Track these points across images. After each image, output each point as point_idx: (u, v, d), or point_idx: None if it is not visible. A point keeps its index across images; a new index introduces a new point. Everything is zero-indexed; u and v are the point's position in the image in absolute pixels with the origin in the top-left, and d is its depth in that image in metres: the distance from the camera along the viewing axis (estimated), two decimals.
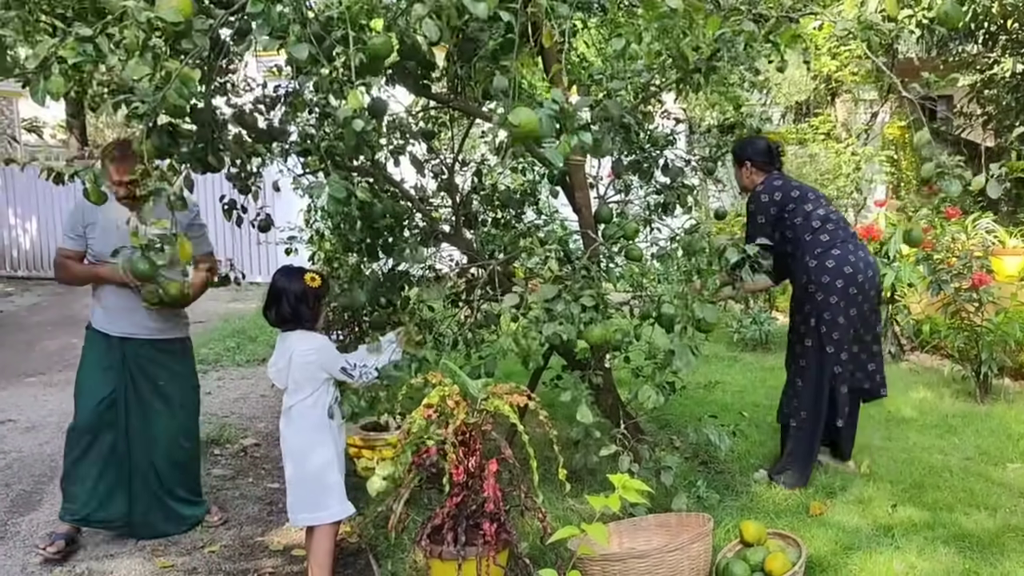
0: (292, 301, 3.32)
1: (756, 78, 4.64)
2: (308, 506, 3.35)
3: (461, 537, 3.01)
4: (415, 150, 4.93)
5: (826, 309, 4.08)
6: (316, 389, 3.33)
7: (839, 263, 4.09)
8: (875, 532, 3.55)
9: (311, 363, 3.31)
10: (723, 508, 3.85)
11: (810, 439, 4.16)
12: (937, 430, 4.88)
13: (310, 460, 3.32)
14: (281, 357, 3.35)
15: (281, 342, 3.37)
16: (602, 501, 2.06)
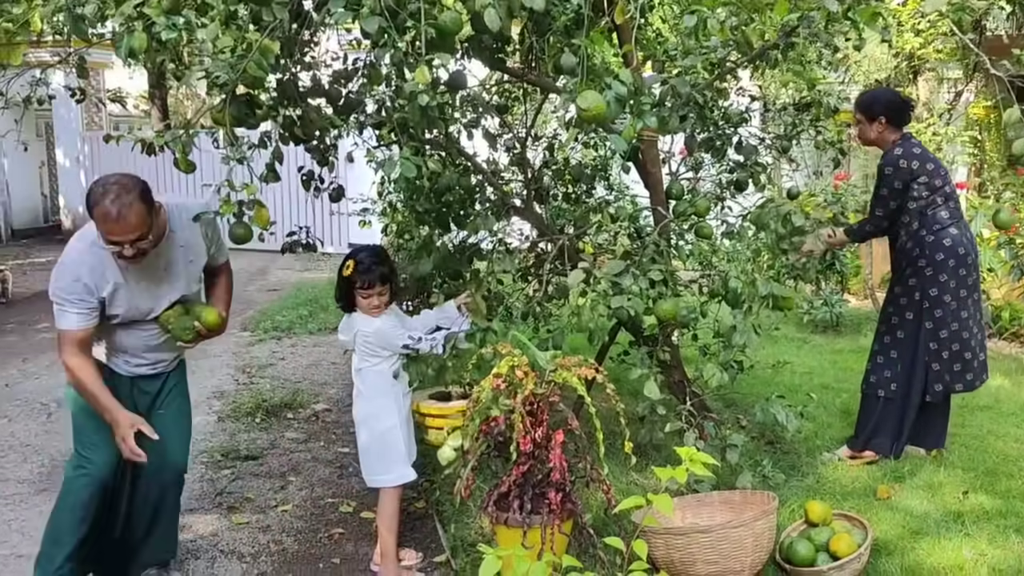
0: (337, 287, 3.53)
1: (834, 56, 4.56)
2: (373, 469, 3.52)
3: (527, 505, 3.08)
4: (488, 124, 4.98)
5: (933, 286, 4.04)
6: (382, 359, 3.48)
7: (955, 243, 4.03)
8: (944, 518, 3.50)
9: (370, 344, 3.46)
10: (788, 488, 3.84)
11: (900, 412, 4.13)
12: (1014, 418, 4.76)
13: (377, 423, 3.48)
14: (347, 332, 3.55)
15: (347, 319, 3.56)
16: (669, 472, 2.09)
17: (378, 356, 3.46)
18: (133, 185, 2.85)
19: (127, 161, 14.02)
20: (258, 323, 8.23)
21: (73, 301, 2.87)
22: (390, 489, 3.46)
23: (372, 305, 3.42)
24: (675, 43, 3.86)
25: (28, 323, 8.30)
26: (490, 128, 5.00)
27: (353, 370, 3.58)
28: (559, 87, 4.42)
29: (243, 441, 5.06)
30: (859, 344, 6.64)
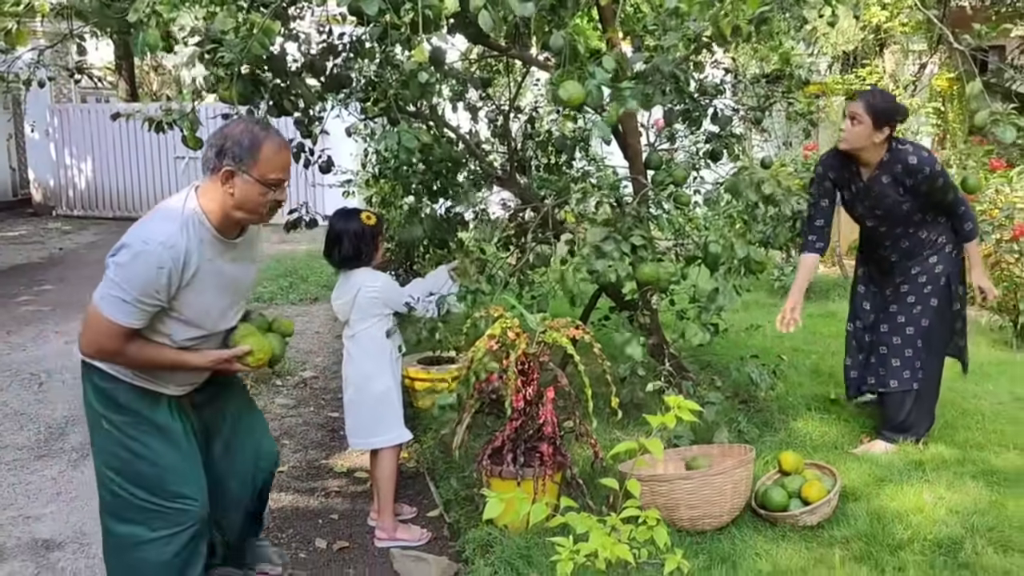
0: (353, 240, 3.51)
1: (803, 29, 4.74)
2: (370, 431, 3.60)
3: (520, 458, 3.27)
4: (470, 96, 5.11)
5: (958, 267, 4.02)
6: (379, 320, 3.58)
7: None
8: (907, 467, 3.74)
9: (376, 299, 3.54)
10: (762, 442, 4.06)
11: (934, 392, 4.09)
12: (973, 376, 5.00)
13: (373, 385, 3.57)
14: (346, 293, 3.57)
15: (345, 280, 3.59)
16: (658, 419, 2.28)
17: (376, 316, 3.55)
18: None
19: (97, 132, 13.99)
20: None
21: (142, 297, 2.41)
22: (388, 449, 3.58)
23: (383, 255, 3.56)
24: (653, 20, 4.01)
25: (7, 296, 8.33)
26: (473, 101, 5.14)
27: (346, 335, 3.66)
28: (542, 62, 4.57)
29: None
30: (827, 309, 6.90)
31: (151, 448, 2.61)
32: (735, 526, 3.31)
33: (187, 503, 2.65)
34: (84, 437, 4.70)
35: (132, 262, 2.40)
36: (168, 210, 2.54)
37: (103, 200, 14.21)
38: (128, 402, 2.59)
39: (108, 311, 2.41)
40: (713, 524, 3.26)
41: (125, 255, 2.41)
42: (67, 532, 3.65)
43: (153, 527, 2.63)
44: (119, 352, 2.47)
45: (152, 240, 2.42)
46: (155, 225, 2.48)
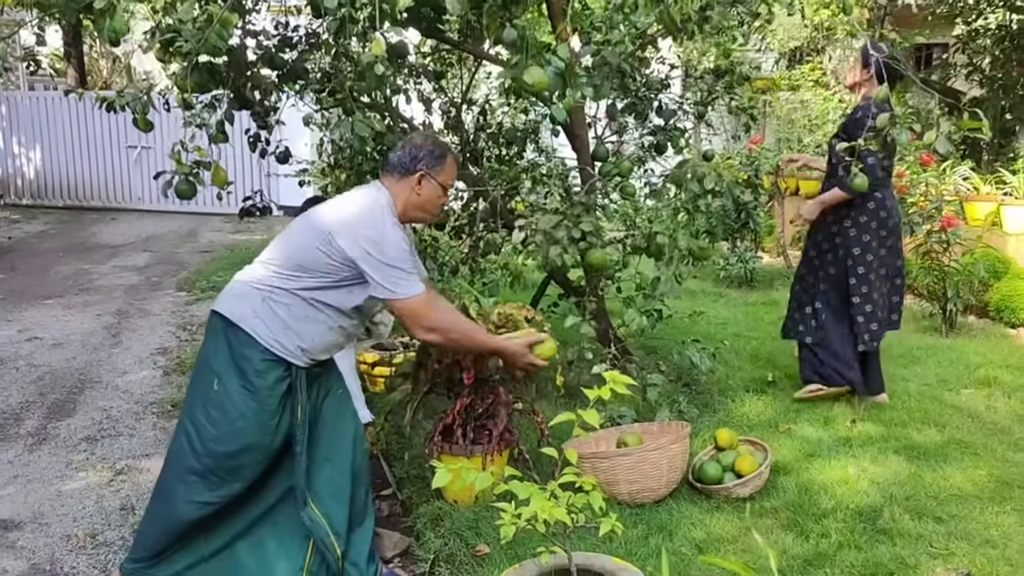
0: None
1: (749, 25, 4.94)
2: None
3: (470, 434, 3.42)
4: (423, 88, 5.24)
5: (857, 245, 4.35)
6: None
7: (878, 206, 4.34)
8: (835, 443, 3.97)
9: None
10: (701, 422, 4.26)
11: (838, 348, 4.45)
12: (903, 360, 5.29)
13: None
14: None
15: None
16: (595, 392, 2.45)
17: None
18: None
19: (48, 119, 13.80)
20: (194, 283, 8.35)
21: (410, 267, 2.72)
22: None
23: None
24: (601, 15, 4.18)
25: None
26: (426, 93, 5.27)
27: None
28: (493, 56, 4.71)
29: None
30: (770, 297, 7.16)
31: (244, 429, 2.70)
32: (673, 499, 3.50)
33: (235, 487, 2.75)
34: (40, 422, 4.76)
35: (387, 245, 2.66)
36: (370, 200, 2.78)
37: (53, 189, 14.02)
38: (257, 372, 2.67)
39: (405, 293, 2.70)
40: (651, 497, 3.45)
41: (377, 241, 2.66)
42: (25, 513, 3.72)
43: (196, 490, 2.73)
44: (436, 319, 2.80)
45: (383, 226, 2.69)
46: (374, 215, 2.72)
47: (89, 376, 5.58)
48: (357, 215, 2.73)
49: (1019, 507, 3.36)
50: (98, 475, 4.09)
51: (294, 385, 2.76)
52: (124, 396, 5.21)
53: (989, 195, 6.91)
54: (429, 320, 2.79)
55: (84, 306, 7.47)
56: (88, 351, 6.12)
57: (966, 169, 7.38)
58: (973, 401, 4.56)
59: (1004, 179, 7.05)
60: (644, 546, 3.14)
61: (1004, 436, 4.09)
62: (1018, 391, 4.67)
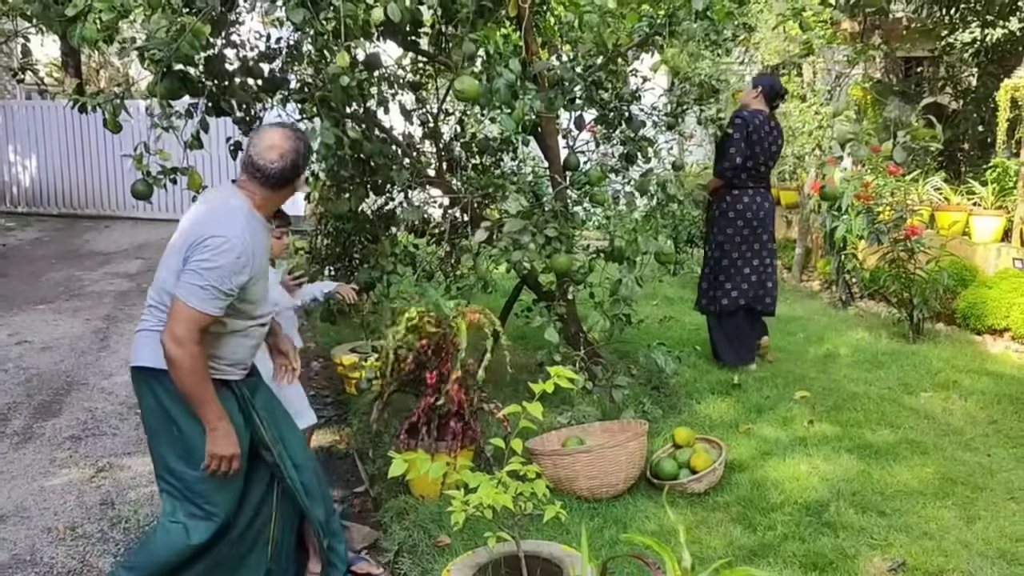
0: None
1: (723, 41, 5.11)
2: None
3: (434, 432, 3.56)
4: (404, 99, 5.39)
5: (720, 234, 5.31)
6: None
7: (735, 202, 5.23)
8: (792, 443, 4.11)
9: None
10: (665, 422, 4.40)
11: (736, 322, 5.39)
12: (867, 365, 5.44)
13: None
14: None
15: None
16: (540, 386, 2.59)
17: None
18: None
19: (43, 130, 13.96)
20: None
21: (230, 287, 2.52)
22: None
23: (282, 246, 3.54)
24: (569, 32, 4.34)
25: None
26: (406, 103, 5.42)
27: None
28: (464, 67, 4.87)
29: None
30: None
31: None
32: (630, 494, 3.64)
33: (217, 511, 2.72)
34: (26, 422, 4.89)
35: (220, 249, 2.49)
36: (229, 197, 2.65)
37: (48, 197, 14.16)
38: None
39: (196, 303, 2.48)
40: (610, 492, 3.59)
41: (214, 243, 2.49)
42: (8, 507, 3.85)
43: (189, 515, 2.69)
44: (193, 343, 2.49)
45: (232, 227, 2.53)
46: (229, 212, 2.58)
47: (76, 378, 5.71)
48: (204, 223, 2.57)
49: (960, 502, 3.51)
50: (80, 472, 4.23)
51: (241, 396, 2.76)
52: (109, 398, 5.34)
53: (959, 205, 7.08)
54: (187, 339, 2.49)
55: (74, 311, 7.60)
56: (76, 354, 6.25)
57: (938, 180, 7.55)
58: (930, 404, 4.71)
59: (974, 190, 7.21)
60: (600, 538, 3.27)
61: (956, 436, 4.23)
62: (975, 394, 4.82)
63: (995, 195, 7.04)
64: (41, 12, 3.16)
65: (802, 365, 5.44)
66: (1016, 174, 6.80)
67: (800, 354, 5.71)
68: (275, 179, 2.61)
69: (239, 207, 2.60)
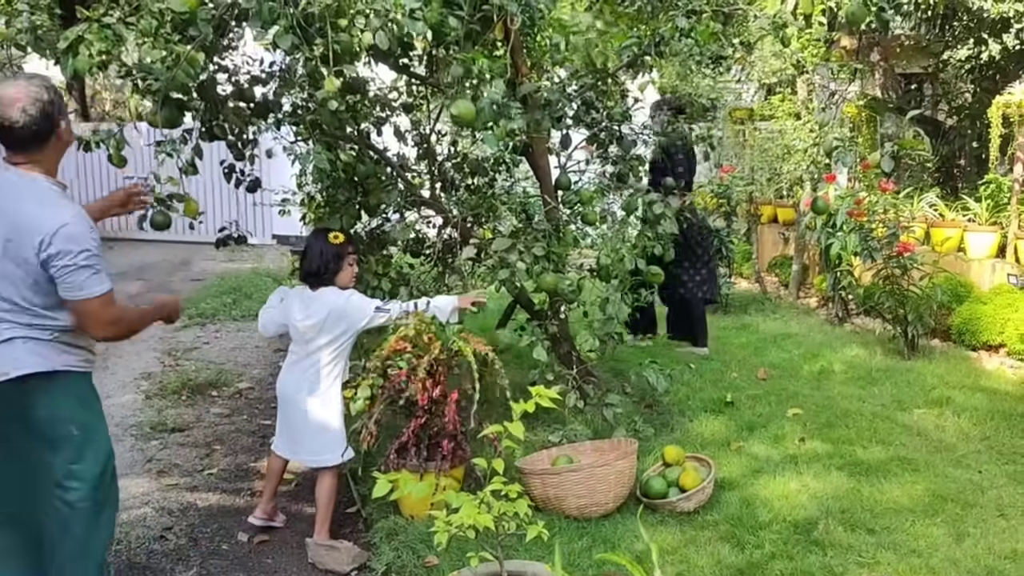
0: (317, 259, 3.62)
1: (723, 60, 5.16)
2: (322, 448, 3.66)
3: (423, 452, 3.58)
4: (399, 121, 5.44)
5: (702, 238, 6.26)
6: (342, 344, 3.65)
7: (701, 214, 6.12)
8: (783, 460, 4.12)
9: (345, 318, 3.59)
10: (657, 440, 4.41)
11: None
12: (861, 382, 5.44)
13: (328, 405, 3.65)
14: (318, 312, 3.59)
15: (311, 298, 3.64)
16: (521, 406, 2.61)
17: (339, 333, 3.60)
18: None
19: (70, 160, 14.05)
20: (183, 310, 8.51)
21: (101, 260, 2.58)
22: (332, 468, 3.68)
23: (354, 274, 3.66)
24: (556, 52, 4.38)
25: None
26: (400, 125, 5.47)
27: (301, 351, 3.65)
28: None
29: (170, 416, 5.42)
30: (743, 322, 7.31)
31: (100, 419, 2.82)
32: (620, 513, 3.65)
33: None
34: None
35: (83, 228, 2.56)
36: (48, 193, 2.65)
37: None
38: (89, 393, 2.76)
39: (99, 288, 2.55)
40: (599, 511, 3.59)
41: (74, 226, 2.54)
42: None
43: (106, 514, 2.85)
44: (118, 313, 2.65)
45: (72, 207, 2.63)
46: (60, 209, 2.61)
47: None
48: (48, 217, 2.56)
49: (949, 520, 3.51)
50: None
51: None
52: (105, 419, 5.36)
53: (954, 221, 7.09)
54: (114, 319, 2.64)
55: None
56: None
57: (933, 196, 7.57)
58: (923, 420, 4.71)
59: (968, 206, 7.23)
60: (587, 557, 3.28)
61: (947, 453, 4.23)
62: (968, 410, 4.82)
63: (989, 211, 7.06)
64: (34, 43, 3.21)
65: (796, 382, 5.45)
66: (1010, 190, 6.82)
67: (794, 371, 5.72)
68: (30, 136, 2.55)
69: (38, 185, 2.61)
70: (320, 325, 3.59)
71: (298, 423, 3.69)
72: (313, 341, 3.62)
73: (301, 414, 3.66)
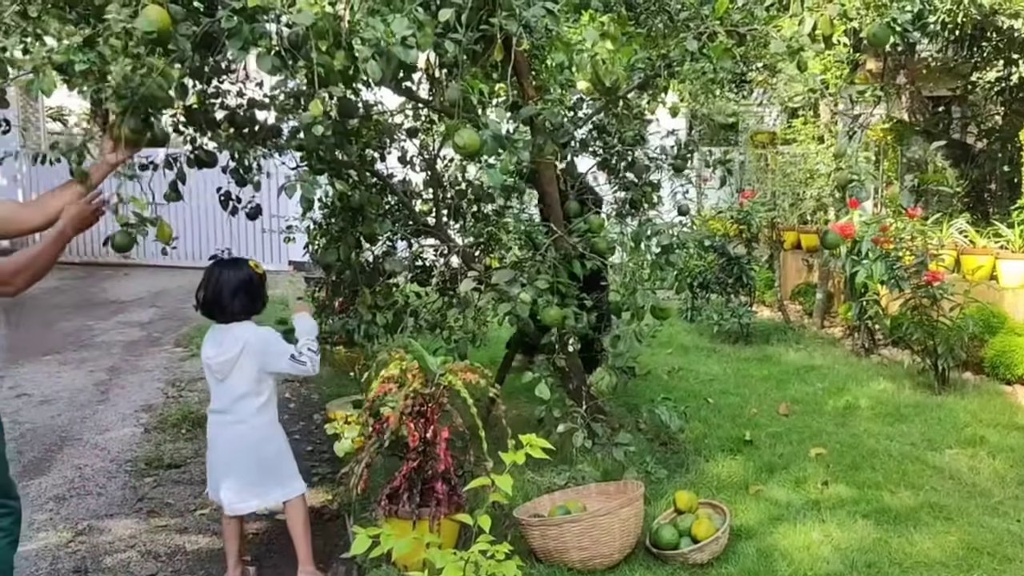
0: (245, 290, 3.41)
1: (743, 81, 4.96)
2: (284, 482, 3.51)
3: (416, 498, 3.35)
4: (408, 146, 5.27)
5: None
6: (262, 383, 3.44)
7: None
8: (804, 506, 3.85)
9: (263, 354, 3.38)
10: (671, 482, 4.16)
11: None
12: (889, 418, 5.16)
13: (271, 442, 3.49)
14: (230, 348, 3.38)
15: (224, 333, 3.44)
16: (511, 456, 2.39)
17: (262, 372, 3.42)
18: None
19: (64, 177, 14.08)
20: (192, 339, 8.37)
21: None
22: (297, 499, 3.52)
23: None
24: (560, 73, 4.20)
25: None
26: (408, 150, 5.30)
27: (224, 395, 3.45)
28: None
29: (168, 451, 5.24)
30: (764, 353, 7.04)
31: None
32: (627, 564, 3.40)
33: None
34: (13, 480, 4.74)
35: None
36: None
37: (70, 245, 14.22)
38: None
39: None
40: (604, 563, 3.35)
41: None
42: None
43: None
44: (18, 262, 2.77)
45: None
46: None
47: (70, 434, 5.58)
48: None
49: (986, 575, 3.22)
50: (58, 535, 4.06)
51: None
52: (101, 454, 5.19)
53: (985, 248, 6.79)
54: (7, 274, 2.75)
55: (80, 362, 7.51)
56: (74, 408, 6.13)
57: (963, 222, 7.27)
58: (955, 462, 4.43)
59: (1000, 232, 6.93)
60: None
61: (982, 499, 3.95)
62: (1004, 451, 4.53)
63: (1022, 238, 6.76)
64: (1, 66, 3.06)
65: (819, 419, 5.18)
66: None
67: (818, 407, 5.45)
68: None
69: None
70: (235, 361, 3.36)
71: (257, 467, 3.46)
72: (231, 381, 3.40)
73: (260, 457, 3.45)
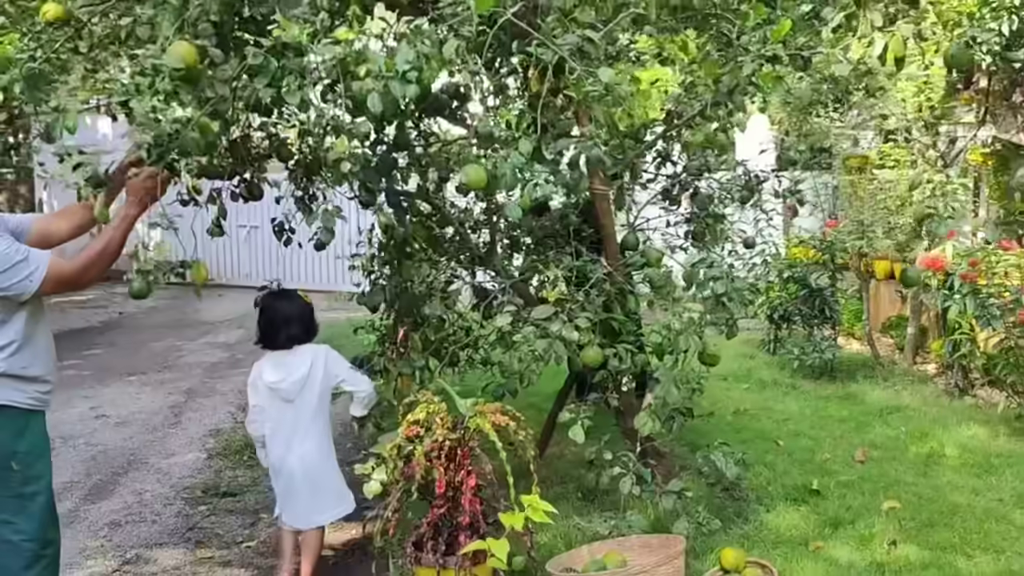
0: (302, 319, 3.76)
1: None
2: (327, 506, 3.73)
3: (441, 547, 3.22)
4: None
5: None
6: (325, 393, 3.74)
7: None
8: (867, 569, 3.55)
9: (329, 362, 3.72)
10: (726, 534, 3.91)
11: None
12: (976, 469, 4.76)
13: (328, 461, 3.74)
14: (297, 369, 3.67)
15: (290, 358, 3.70)
16: (509, 519, 2.24)
17: (324, 393, 3.71)
18: None
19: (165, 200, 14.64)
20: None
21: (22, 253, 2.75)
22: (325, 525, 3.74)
23: None
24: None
25: None
26: None
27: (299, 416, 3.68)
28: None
29: (226, 478, 5.28)
30: (848, 390, 6.62)
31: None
32: None
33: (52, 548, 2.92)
34: (75, 503, 4.86)
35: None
36: None
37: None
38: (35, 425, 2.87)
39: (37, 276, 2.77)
40: None
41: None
42: None
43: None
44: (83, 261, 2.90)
45: None
46: None
47: (138, 457, 5.69)
48: None
49: None
50: (104, 564, 4.11)
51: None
52: (163, 479, 5.27)
53: None
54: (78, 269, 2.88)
55: (160, 384, 7.71)
56: (147, 431, 6.26)
57: None
58: None
59: None
60: None
61: None
62: None
63: None
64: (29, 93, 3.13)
65: (898, 467, 4.81)
66: None
67: (898, 453, 5.07)
68: None
69: None
70: (303, 382, 3.65)
71: (320, 486, 3.70)
72: (298, 399, 3.65)
73: (324, 475, 3.70)
